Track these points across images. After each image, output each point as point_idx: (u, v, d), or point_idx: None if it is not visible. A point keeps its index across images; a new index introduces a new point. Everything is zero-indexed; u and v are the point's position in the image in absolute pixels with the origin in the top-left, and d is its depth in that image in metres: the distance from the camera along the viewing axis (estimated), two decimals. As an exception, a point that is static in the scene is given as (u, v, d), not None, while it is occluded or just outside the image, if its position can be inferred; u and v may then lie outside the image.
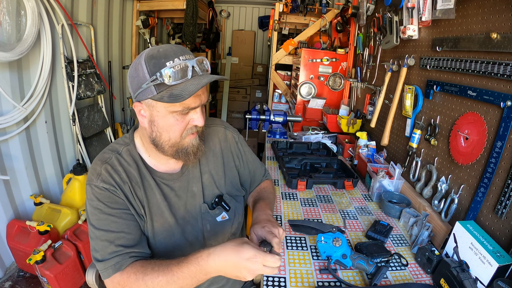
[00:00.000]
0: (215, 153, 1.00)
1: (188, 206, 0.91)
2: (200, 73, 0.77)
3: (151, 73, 0.74)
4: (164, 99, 0.75)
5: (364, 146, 1.71)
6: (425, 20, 1.27)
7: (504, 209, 0.88)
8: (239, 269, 0.69)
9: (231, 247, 0.70)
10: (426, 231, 1.05)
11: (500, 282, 0.72)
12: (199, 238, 0.93)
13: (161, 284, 0.71)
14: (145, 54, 0.76)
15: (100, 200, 0.79)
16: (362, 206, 1.36)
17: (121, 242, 0.78)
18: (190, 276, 0.70)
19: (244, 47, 5.39)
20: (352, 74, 2.37)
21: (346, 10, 2.36)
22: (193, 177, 0.93)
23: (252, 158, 1.12)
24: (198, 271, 0.70)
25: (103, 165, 0.82)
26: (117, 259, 0.76)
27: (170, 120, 0.79)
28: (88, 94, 2.55)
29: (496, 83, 0.95)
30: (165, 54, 0.74)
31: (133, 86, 0.79)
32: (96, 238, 0.78)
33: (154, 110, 0.78)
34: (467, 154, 1.05)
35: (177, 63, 0.73)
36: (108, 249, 0.76)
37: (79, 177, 2.30)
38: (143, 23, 3.52)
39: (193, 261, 0.71)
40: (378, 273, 0.86)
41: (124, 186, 0.82)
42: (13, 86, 1.92)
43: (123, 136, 0.92)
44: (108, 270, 0.75)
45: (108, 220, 0.78)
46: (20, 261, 1.92)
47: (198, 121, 0.82)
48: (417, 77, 1.40)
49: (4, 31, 1.75)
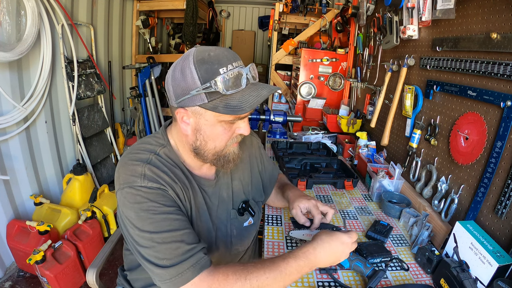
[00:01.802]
0: (243, 160, 0.99)
1: (219, 212, 0.90)
2: (252, 81, 0.74)
3: (203, 80, 0.68)
4: (219, 109, 0.70)
5: (364, 146, 1.71)
6: (425, 20, 1.27)
7: (504, 209, 0.88)
8: (339, 254, 0.78)
9: (328, 237, 0.78)
10: (426, 231, 1.05)
11: (500, 282, 0.72)
12: (227, 243, 0.92)
13: (268, 282, 0.68)
14: (193, 56, 0.70)
15: (152, 200, 0.70)
16: (362, 206, 1.36)
17: (192, 239, 0.71)
18: (297, 271, 0.72)
19: (244, 47, 5.39)
20: (352, 74, 2.37)
21: (346, 10, 2.36)
22: (224, 184, 0.93)
23: (268, 159, 1.15)
24: (306, 264, 0.73)
25: (145, 165, 0.74)
26: (195, 258, 0.68)
27: (218, 129, 0.75)
28: (88, 94, 2.55)
29: (496, 83, 0.95)
30: (218, 60, 0.69)
31: (177, 90, 0.72)
32: (157, 243, 0.67)
33: (201, 118, 0.74)
34: (467, 154, 1.05)
35: (230, 70, 0.69)
36: (180, 250, 0.67)
37: (79, 177, 2.30)
38: (143, 23, 3.53)
39: (300, 255, 0.74)
40: (374, 276, 0.85)
41: (175, 186, 0.76)
42: (13, 86, 1.92)
43: (154, 136, 0.85)
44: (187, 273, 0.66)
45: (168, 219, 0.70)
46: (20, 261, 1.92)
47: (244, 130, 0.79)
48: (417, 77, 1.40)
49: (4, 31, 1.75)
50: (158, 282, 0.68)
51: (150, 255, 0.68)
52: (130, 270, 0.98)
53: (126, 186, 0.72)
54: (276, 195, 1.16)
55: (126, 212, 0.72)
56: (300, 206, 0.99)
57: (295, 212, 0.99)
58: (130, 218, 0.71)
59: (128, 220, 0.71)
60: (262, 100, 0.71)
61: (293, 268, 0.71)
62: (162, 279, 0.67)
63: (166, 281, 0.66)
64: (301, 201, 0.99)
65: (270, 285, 0.69)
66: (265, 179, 1.10)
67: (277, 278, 0.69)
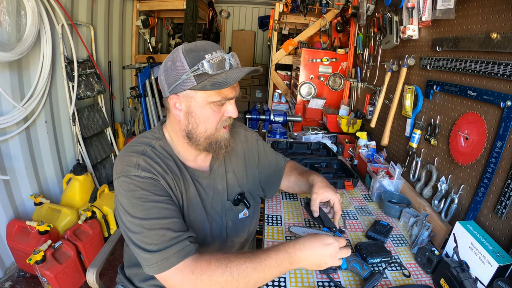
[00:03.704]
0: (237, 153, 1.04)
1: (214, 203, 0.95)
2: (234, 66, 0.80)
3: (191, 65, 0.76)
4: (207, 87, 0.77)
5: (364, 146, 1.71)
6: (425, 20, 1.27)
7: (504, 209, 0.88)
8: (323, 255, 0.76)
9: (312, 237, 0.78)
10: (426, 231, 1.05)
11: (500, 282, 0.72)
12: (223, 234, 0.96)
13: (247, 271, 0.71)
14: (181, 48, 0.79)
15: (144, 188, 0.75)
16: (362, 206, 1.36)
17: (178, 227, 0.75)
18: (276, 264, 0.73)
19: (244, 47, 5.39)
20: (352, 74, 2.37)
21: (346, 10, 2.36)
22: (219, 175, 0.97)
23: (270, 150, 1.18)
24: (286, 258, 0.74)
25: (140, 156, 0.80)
26: (181, 245, 0.72)
27: (207, 111, 0.81)
28: (88, 94, 2.55)
29: (496, 83, 0.95)
30: (203, 48, 0.77)
31: (169, 79, 0.80)
32: (146, 229, 0.72)
33: (192, 100, 0.80)
34: (467, 154, 1.05)
35: (215, 56, 0.77)
36: (166, 236, 0.72)
37: (79, 177, 2.30)
38: (143, 23, 3.52)
39: (281, 249, 0.75)
40: (370, 279, 0.84)
41: (166, 176, 0.81)
42: (13, 86, 1.92)
43: (151, 131, 0.92)
44: (171, 258, 0.70)
45: (158, 207, 0.75)
46: (20, 261, 1.92)
47: (232, 112, 0.84)
48: (417, 77, 1.40)
49: (4, 31, 1.75)
50: (146, 267, 0.72)
51: (139, 240, 0.73)
52: (129, 266, 1.01)
53: (122, 175, 0.77)
54: (296, 181, 1.15)
55: (120, 200, 0.77)
56: (325, 194, 0.97)
57: (315, 197, 0.98)
58: (124, 205, 0.76)
59: (121, 207, 0.76)
60: (244, 74, 0.77)
61: (272, 260, 0.73)
62: (148, 263, 0.71)
63: (152, 265, 0.71)
64: (328, 190, 0.98)
65: (250, 274, 0.71)
66: (270, 170, 1.13)
67: (257, 268, 0.71)
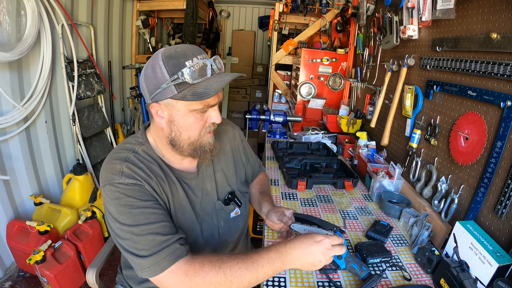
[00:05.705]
0: (225, 152, 1.04)
1: (203, 204, 0.94)
2: (217, 71, 0.79)
3: (171, 73, 0.73)
4: (187, 97, 0.75)
5: (364, 146, 1.71)
6: (425, 20, 1.27)
7: (504, 209, 0.88)
8: (313, 253, 0.76)
9: (303, 236, 0.79)
10: (426, 231, 1.05)
11: (500, 282, 0.72)
12: (214, 235, 0.96)
13: (241, 272, 0.71)
14: (161, 54, 0.76)
15: (130, 195, 0.75)
16: (362, 206, 1.36)
17: (167, 231, 0.75)
18: (268, 263, 0.74)
19: (244, 47, 5.39)
20: (352, 74, 2.37)
21: (346, 10, 2.36)
22: (207, 176, 0.96)
23: (251, 152, 1.19)
24: (277, 257, 0.75)
25: (123, 163, 0.79)
26: (171, 248, 0.72)
27: (190, 119, 0.80)
28: (88, 94, 2.55)
29: (496, 83, 0.95)
30: (183, 54, 0.75)
31: (149, 87, 0.77)
32: (135, 235, 0.73)
33: (173, 109, 0.78)
34: (467, 154, 1.05)
35: (196, 62, 0.74)
36: (156, 241, 0.72)
37: (79, 177, 2.30)
38: (143, 23, 3.52)
39: (272, 249, 0.76)
40: (368, 280, 0.84)
41: (150, 181, 0.80)
42: (13, 86, 1.92)
43: (134, 136, 0.90)
44: (163, 262, 0.71)
45: (145, 213, 0.75)
46: (20, 261, 1.92)
47: (216, 118, 0.84)
48: (417, 77, 1.40)
49: (4, 31, 1.75)
50: (139, 271, 0.73)
51: (130, 246, 0.73)
52: (126, 267, 1.01)
53: (107, 183, 0.77)
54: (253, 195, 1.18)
55: (108, 208, 0.77)
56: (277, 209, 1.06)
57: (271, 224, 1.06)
58: (112, 213, 0.76)
59: (110, 215, 0.77)
60: (224, 85, 0.76)
61: (264, 259, 0.74)
62: (141, 268, 0.72)
63: (145, 270, 0.72)
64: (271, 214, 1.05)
65: (243, 275, 0.72)
66: (248, 170, 1.15)
67: (250, 269, 0.72)
